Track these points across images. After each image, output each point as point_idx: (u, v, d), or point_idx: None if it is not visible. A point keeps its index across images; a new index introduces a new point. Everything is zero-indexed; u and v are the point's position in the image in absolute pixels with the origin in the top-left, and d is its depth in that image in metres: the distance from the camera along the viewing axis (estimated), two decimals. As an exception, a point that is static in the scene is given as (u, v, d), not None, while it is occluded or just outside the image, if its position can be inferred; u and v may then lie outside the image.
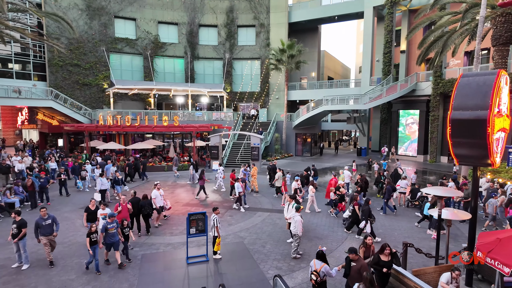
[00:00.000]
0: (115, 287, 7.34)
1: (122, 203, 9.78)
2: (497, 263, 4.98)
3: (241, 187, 13.13)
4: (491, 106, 5.53)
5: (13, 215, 8.47)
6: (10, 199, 13.08)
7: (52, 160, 19.34)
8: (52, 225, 8.40)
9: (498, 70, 5.95)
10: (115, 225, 8.28)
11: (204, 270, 8.25)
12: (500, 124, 6.03)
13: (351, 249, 6.22)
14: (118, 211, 9.49)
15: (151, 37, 31.99)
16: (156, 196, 11.29)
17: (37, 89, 26.16)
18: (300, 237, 8.80)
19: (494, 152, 5.93)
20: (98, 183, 13.77)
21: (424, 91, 25.68)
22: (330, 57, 47.40)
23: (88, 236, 7.87)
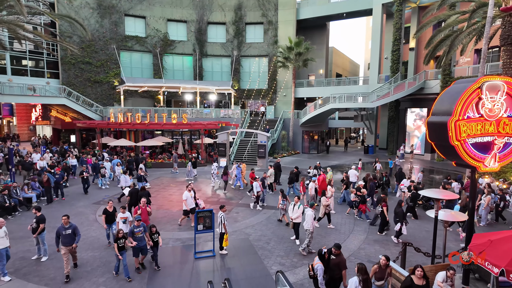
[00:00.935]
0: (126, 283, 7.81)
1: (141, 206, 9.66)
2: (487, 264, 5.23)
3: (260, 187, 13.26)
4: (454, 111, 6.20)
5: (34, 210, 9.01)
6: (27, 194, 13.74)
7: (72, 157, 19.85)
8: (73, 235, 7.99)
9: (479, 78, 6.41)
10: (142, 229, 8.08)
11: (211, 264, 8.67)
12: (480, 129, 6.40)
13: (337, 245, 6.76)
14: (138, 214, 9.40)
15: (160, 35, 32.43)
16: (187, 198, 11.09)
17: (50, 87, 26.93)
18: (312, 232, 9.13)
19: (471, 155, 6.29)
20: (122, 180, 14.17)
21: (433, 89, 25.50)
22: (338, 54, 47.19)
23: (115, 241, 7.74)
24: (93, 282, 7.68)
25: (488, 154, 6.48)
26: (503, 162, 6.67)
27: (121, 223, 8.99)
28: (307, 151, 31.08)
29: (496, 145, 6.54)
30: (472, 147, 6.35)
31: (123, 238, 7.82)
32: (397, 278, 6.84)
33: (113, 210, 9.55)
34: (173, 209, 13.23)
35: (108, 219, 9.49)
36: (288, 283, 6.28)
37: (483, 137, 6.42)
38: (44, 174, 14.42)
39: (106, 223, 9.52)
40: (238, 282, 7.60)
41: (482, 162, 6.45)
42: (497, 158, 6.53)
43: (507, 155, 6.67)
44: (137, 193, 11.85)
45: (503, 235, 5.63)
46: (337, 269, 6.75)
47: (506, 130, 6.45)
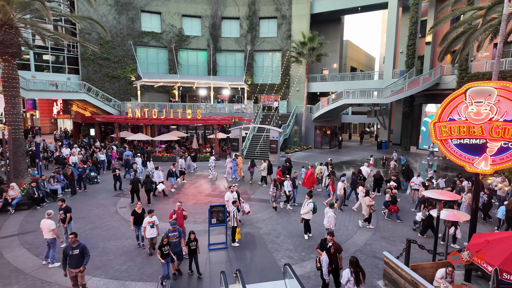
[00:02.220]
0: (146, 269, 8.49)
1: (177, 210, 9.31)
2: (482, 262, 5.53)
3: (290, 186, 13.09)
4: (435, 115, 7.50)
5: (59, 202, 9.79)
6: (53, 186, 14.70)
7: (102, 152, 20.54)
8: (81, 256, 7.06)
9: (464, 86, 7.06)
10: (177, 233, 7.91)
11: (224, 256, 9.25)
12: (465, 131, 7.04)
13: (330, 232, 7.39)
14: (174, 218, 9.08)
15: (175, 30, 33.01)
16: (229, 199, 10.78)
17: (71, 83, 28.04)
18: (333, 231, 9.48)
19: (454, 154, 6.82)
20: (156, 176, 14.78)
21: (448, 84, 25.09)
22: (353, 47, 46.60)
23: (159, 248, 7.45)
24: (116, 270, 8.39)
25: (479, 156, 6.76)
26: (499, 166, 6.80)
27: (149, 228, 8.89)
28: (319, 146, 31.25)
29: (488, 148, 6.77)
30: (457, 147, 6.85)
31: (167, 245, 7.51)
32: (399, 273, 7.20)
33: (141, 211, 9.51)
34: (188, 202, 13.89)
35: (137, 221, 9.43)
36: (295, 275, 6.75)
37: (470, 139, 6.76)
38: (68, 167, 15.34)
39: (134, 225, 9.46)
40: (249, 273, 8.13)
41: (470, 162, 6.75)
42: (489, 161, 6.74)
43: (505, 159, 6.78)
44: (138, 181, 13.71)
45: (500, 236, 5.90)
46: (336, 257, 7.23)
47: (499, 134, 6.60)
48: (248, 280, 7.25)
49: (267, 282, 7.77)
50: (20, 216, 12.22)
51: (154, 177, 14.92)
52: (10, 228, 11.04)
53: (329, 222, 9.58)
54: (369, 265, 8.73)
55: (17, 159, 14.29)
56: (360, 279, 6.35)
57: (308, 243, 10.07)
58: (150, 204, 13.52)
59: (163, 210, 12.79)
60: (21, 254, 9.17)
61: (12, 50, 13.54)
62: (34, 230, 10.85)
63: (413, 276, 6.65)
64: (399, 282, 7.19)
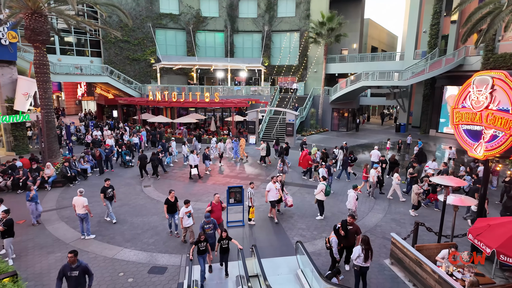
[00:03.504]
0: (171, 242, 9.35)
1: (214, 203, 8.96)
2: (482, 244, 5.89)
3: (326, 173, 12.92)
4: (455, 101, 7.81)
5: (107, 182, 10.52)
6: (83, 166, 15.84)
7: (135, 135, 21.37)
8: (81, 278, 6.04)
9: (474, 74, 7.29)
10: (212, 225, 7.85)
11: (241, 233, 9.98)
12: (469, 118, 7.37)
13: (351, 214, 7.84)
14: (208, 210, 8.79)
15: (193, 11, 33.04)
16: (270, 189, 10.48)
17: (94, 66, 29.01)
18: (354, 212, 9.98)
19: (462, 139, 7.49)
20: (191, 159, 15.14)
21: (472, 66, 24.20)
22: (375, 25, 44.98)
23: (196, 244, 7.19)
24: (144, 243, 9.30)
25: (476, 141, 7.10)
26: (490, 152, 6.97)
27: (186, 218, 8.87)
28: (336, 129, 31.23)
29: (483, 135, 7.02)
30: (464, 132, 7.32)
31: (204, 241, 7.24)
32: (405, 253, 7.66)
33: (175, 200, 9.47)
34: (208, 183, 14.70)
35: (170, 209, 9.42)
36: (305, 251, 7.38)
37: (473, 126, 7.19)
38: (96, 149, 16.40)
39: (168, 213, 9.42)
40: (263, 248, 8.82)
41: (471, 147, 7.10)
42: (483, 147, 6.96)
43: (494, 147, 6.93)
44: (145, 158, 15.18)
45: (502, 221, 6.21)
46: (353, 237, 7.74)
47: (491, 122, 6.76)
48: (262, 254, 7.95)
49: (280, 257, 8.49)
50: (56, 192, 13.42)
51: (189, 160, 15.38)
52: (49, 203, 12.22)
53: (349, 202, 10.04)
54: (378, 245, 9.23)
55: (50, 140, 15.41)
56: (368, 255, 6.87)
57: (320, 223, 10.64)
58: (158, 178, 15.35)
59: (198, 192, 13.64)
60: (60, 227, 10.27)
61: (42, 38, 14.30)
62: (69, 205, 11.92)
63: (417, 256, 7.11)
64: (404, 261, 7.68)
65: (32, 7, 13.75)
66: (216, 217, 8.68)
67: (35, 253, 8.67)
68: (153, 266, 8.12)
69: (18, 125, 19.55)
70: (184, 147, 18.26)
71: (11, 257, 8.22)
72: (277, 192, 10.63)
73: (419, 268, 7.04)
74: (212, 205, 8.94)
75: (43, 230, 10.05)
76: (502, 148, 6.65)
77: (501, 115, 6.53)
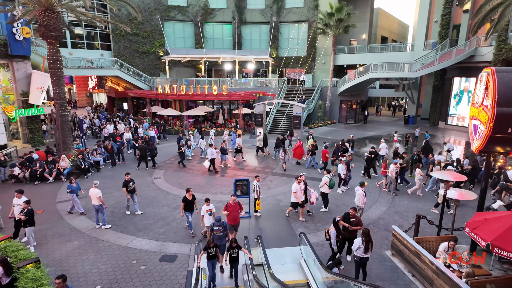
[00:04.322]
0: (181, 232, 9.81)
1: (231, 203, 8.72)
2: (477, 237, 6.11)
3: (345, 169, 12.91)
4: None
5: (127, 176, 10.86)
6: (96, 158, 16.42)
7: (152, 128, 21.61)
8: None
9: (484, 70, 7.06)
10: (222, 227, 7.67)
11: (247, 223, 10.37)
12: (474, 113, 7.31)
13: (353, 208, 8.07)
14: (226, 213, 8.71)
15: (201, 3, 33.05)
16: (296, 190, 10.26)
17: (105, 59, 29.50)
18: (362, 209, 10.13)
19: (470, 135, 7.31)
20: (209, 153, 15.37)
21: (484, 57, 23.79)
22: (385, 15, 44.15)
23: (205, 249, 7.00)
24: (155, 232, 9.78)
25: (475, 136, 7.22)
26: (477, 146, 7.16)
27: (207, 216, 8.77)
28: (344, 121, 31.21)
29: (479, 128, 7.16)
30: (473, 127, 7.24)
31: (214, 246, 7.09)
32: (405, 245, 7.92)
33: (192, 198, 9.38)
34: (216, 175, 15.13)
35: (187, 207, 9.41)
36: (308, 242, 7.72)
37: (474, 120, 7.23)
38: (108, 142, 16.94)
39: (185, 211, 9.43)
40: (268, 239, 9.20)
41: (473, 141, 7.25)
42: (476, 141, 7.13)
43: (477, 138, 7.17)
44: (145, 149, 15.91)
45: (498, 215, 6.40)
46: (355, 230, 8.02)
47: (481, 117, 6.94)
48: (267, 245, 8.33)
49: (284, 248, 8.86)
50: (71, 184, 14.01)
51: (207, 154, 15.65)
52: (64, 194, 12.81)
53: (358, 200, 10.09)
54: (380, 237, 9.51)
55: (64, 133, 16.00)
56: (368, 247, 7.16)
57: (324, 215, 10.95)
58: (147, 168, 16.17)
59: (206, 184, 14.09)
60: (76, 217, 10.84)
61: (55, 34, 14.73)
62: (84, 196, 12.47)
63: (416, 247, 7.37)
64: (404, 252, 7.95)
65: (45, 4, 14.14)
66: (233, 218, 8.63)
67: (54, 241, 9.25)
68: (164, 254, 8.59)
69: (33, 118, 20.24)
70: (202, 141, 18.39)
71: (32, 245, 8.79)
72: (302, 193, 10.41)
73: (418, 260, 7.31)
74: (228, 206, 8.73)
75: (60, 219, 10.63)
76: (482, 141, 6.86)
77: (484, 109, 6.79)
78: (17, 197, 9.07)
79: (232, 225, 8.79)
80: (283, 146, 16.47)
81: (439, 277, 6.56)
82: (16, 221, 8.89)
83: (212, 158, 15.32)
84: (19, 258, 6.94)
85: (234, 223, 8.78)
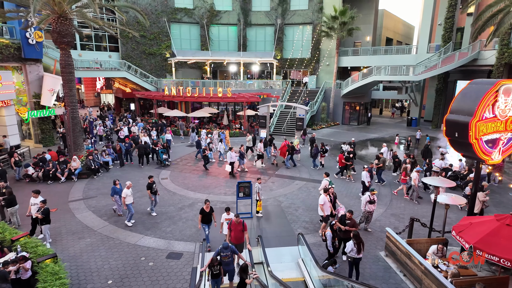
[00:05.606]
0: (187, 231, 10.36)
1: (235, 222, 8.12)
2: (462, 240, 6.55)
3: (368, 177, 12.65)
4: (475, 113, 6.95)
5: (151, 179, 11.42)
6: (105, 159, 17.06)
7: (169, 132, 21.68)
8: None
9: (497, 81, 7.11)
10: (229, 253, 7.05)
11: (248, 224, 10.82)
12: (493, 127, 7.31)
13: (350, 210, 8.58)
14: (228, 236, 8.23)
15: (207, 5, 33.62)
16: (324, 202, 9.85)
17: (113, 61, 30.23)
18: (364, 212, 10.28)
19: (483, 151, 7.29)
20: (228, 156, 15.53)
21: (487, 60, 23.97)
22: (390, 16, 44.28)
23: (209, 267, 6.77)
24: (162, 231, 10.36)
25: (494, 149, 7.43)
26: (505, 154, 7.54)
27: (226, 224, 8.61)
28: (347, 122, 31.54)
29: (501, 140, 7.45)
30: (485, 143, 7.26)
31: (218, 264, 6.84)
32: (397, 246, 8.37)
33: (210, 210, 9.14)
34: (220, 176, 15.67)
35: (204, 219, 9.12)
36: (306, 243, 8.22)
37: (493, 135, 7.32)
38: (117, 143, 17.59)
39: (203, 223, 9.16)
40: (268, 239, 9.71)
41: (490, 156, 7.41)
42: (501, 151, 7.46)
43: (509, 148, 7.50)
44: (144, 147, 17.09)
45: (482, 220, 6.82)
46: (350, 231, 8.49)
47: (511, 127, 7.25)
48: (268, 244, 8.85)
49: (284, 247, 9.38)
50: (82, 184, 14.68)
51: (227, 157, 15.90)
52: (76, 193, 13.48)
53: (362, 204, 10.36)
54: (375, 238, 9.96)
55: (75, 134, 16.67)
56: (360, 248, 7.63)
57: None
58: (142, 166, 17.24)
59: (210, 185, 14.66)
60: (88, 215, 11.46)
61: (67, 40, 15.38)
62: (95, 196, 13.19)
63: (407, 249, 7.82)
64: (396, 253, 8.41)
65: (58, 11, 14.79)
66: (235, 237, 8.10)
67: (68, 238, 9.87)
68: (170, 252, 9.16)
69: (45, 119, 20.98)
70: (221, 144, 18.58)
71: (48, 241, 9.41)
72: (330, 206, 9.95)
73: (409, 260, 7.76)
74: (232, 224, 8.16)
75: (73, 218, 11.26)
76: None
77: None
78: (34, 197, 9.71)
79: (235, 244, 7.89)
80: (273, 144, 18.01)
81: (427, 277, 7.00)
82: (33, 219, 9.53)
83: (231, 162, 15.42)
84: (38, 254, 7.56)
85: (237, 242, 8.10)
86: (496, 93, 7.02)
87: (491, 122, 7.19)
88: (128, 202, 10.57)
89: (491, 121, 7.15)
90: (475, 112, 6.87)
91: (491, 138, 7.34)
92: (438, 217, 10.59)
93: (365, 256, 8.88)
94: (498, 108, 7.16)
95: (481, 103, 6.88)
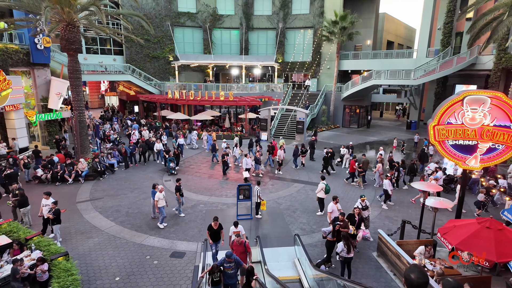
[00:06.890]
0: (189, 232, 10.89)
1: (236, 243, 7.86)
2: (446, 242, 7.02)
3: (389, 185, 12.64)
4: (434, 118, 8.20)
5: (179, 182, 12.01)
6: (110, 161, 17.64)
7: (181, 136, 21.61)
8: None
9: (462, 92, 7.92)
10: (233, 265, 6.89)
11: (248, 224, 11.39)
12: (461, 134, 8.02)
13: (342, 213, 9.05)
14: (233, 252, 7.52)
15: (209, 9, 34.22)
16: (332, 210, 10.06)
17: (117, 64, 30.88)
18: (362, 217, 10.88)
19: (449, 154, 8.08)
20: (244, 163, 15.82)
21: (485, 65, 24.36)
22: (391, 19, 44.68)
23: (209, 274, 6.78)
24: (166, 231, 10.89)
25: (469, 155, 7.94)
26: (487, 163, 7.98)
27: (234, 237, 8.20)
28: (347, 125, 31.96)
29: (479, 148, 7.90)
30: (453, 147, 7.88)
31: (219, 271, 6.84)
32: (388, 247, 8.84)
33: (218, 227, 8.73)
34: (220, 178, 16.19)
35: (213, 237, 8.72)
36: (301, 243, 8.71)
37: (464, 141, 7.88)
38: (122, 145, 18.16)
39: (212, 240, 8.75)
40: (267, 239, 10.21)
41: (462, 160, 7.94)
42: (478, 159, 7.91)
43: (492, 158, 7.93)
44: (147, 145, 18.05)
45: (465, 222, 7.29)
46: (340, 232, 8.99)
47: (489, 137, 7.70)
48: (266, 244, 9.35)
49: (281, 247, 9.88)
50: (89, 185, 15.25)
51: (242, 164, 16.16)
52: (83, 194, 14.05)
53: None
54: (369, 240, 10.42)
55: (82, 137, 17.25)
56: (350, 248, 8.12)
57: (319, 218, 11.91)
58: (145, 164, 18.51)
59: (212, 187, 15.18)
60: (95, 216, 12.01)
61: (75, 46, 15.98)
62: (101, 197, 13.75)
63: (397, 249, 8.30)
64: (387, 253, 8.88)
65: (67, 19, 15.39)
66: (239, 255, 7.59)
67: (77, 237, 10.43)
68: (174, 251, 9.68)
69: (52, 121, 21.62)
70: (236, 149, 18.54)
71: (59, 240, 9.97)
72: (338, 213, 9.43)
73: (398, 260, 8.23)
74: (234, 245, 7.89)
75: (81, 218, 11.82)
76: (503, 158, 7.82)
77: (503, 131, 7.56)
78: (46, 198, 10.28)
79: None
80: (258, 144, 19.19)
81: (414, 276, 7.46)
82: (45, 219, 10.09)
83: (247, 168, 15.57)
84: (51, 252, 8.12)
85: None
86: (460, 102, 7.79)
87: (457, 128, 7.96)
88: (160, 205, 11.07)
89: (458, 127, 7.92)
90: (434, 116, 8.10)
91: (463, 144, 8.00)
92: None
93: (358, 256, 9.38)
94: (464, 116, 7.83)
95: (441, 110, 7.96)
